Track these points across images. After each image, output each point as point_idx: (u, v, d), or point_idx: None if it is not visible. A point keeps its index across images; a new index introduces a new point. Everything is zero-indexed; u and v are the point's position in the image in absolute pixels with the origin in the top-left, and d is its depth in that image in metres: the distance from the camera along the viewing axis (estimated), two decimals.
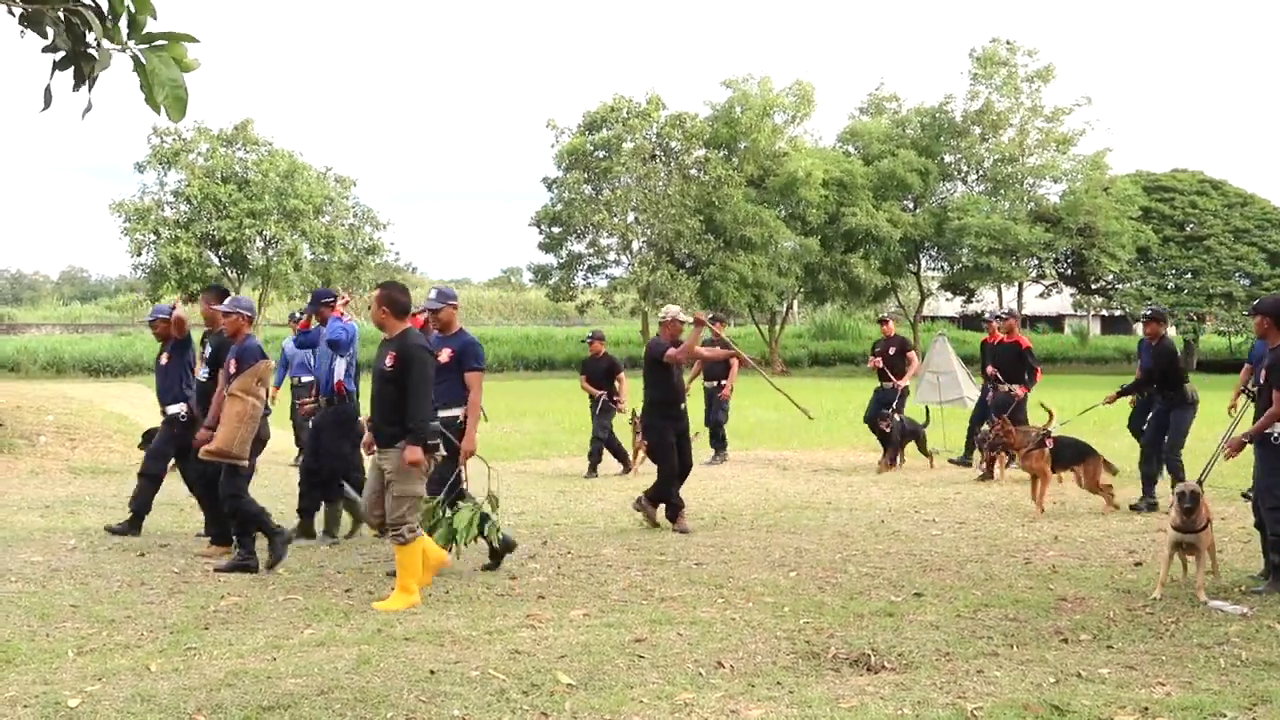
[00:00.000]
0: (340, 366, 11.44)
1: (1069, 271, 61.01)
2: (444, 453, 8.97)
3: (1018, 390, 15.99)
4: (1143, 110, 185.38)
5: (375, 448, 8.70)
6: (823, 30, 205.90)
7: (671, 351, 11.94)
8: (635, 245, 53.67)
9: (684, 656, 6.96)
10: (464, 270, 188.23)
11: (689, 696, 6.22)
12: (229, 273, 51.66)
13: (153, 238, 49.97)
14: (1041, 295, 65.31)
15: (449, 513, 9.32)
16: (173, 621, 7.78)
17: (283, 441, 18.67)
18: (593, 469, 16.61)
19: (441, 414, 9.37)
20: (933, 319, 70.32)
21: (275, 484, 14.72)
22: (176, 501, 13.13)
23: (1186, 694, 6.30)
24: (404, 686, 6.33)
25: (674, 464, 11.97)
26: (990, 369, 16.52)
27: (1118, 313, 67.28)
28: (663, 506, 12.00)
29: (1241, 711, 5.99)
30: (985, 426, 15.34)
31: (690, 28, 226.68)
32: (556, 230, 53.56)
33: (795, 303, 62.81)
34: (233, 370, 9.85)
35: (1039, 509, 12.83)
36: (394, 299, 8.76)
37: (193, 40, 4.19)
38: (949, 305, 70.92)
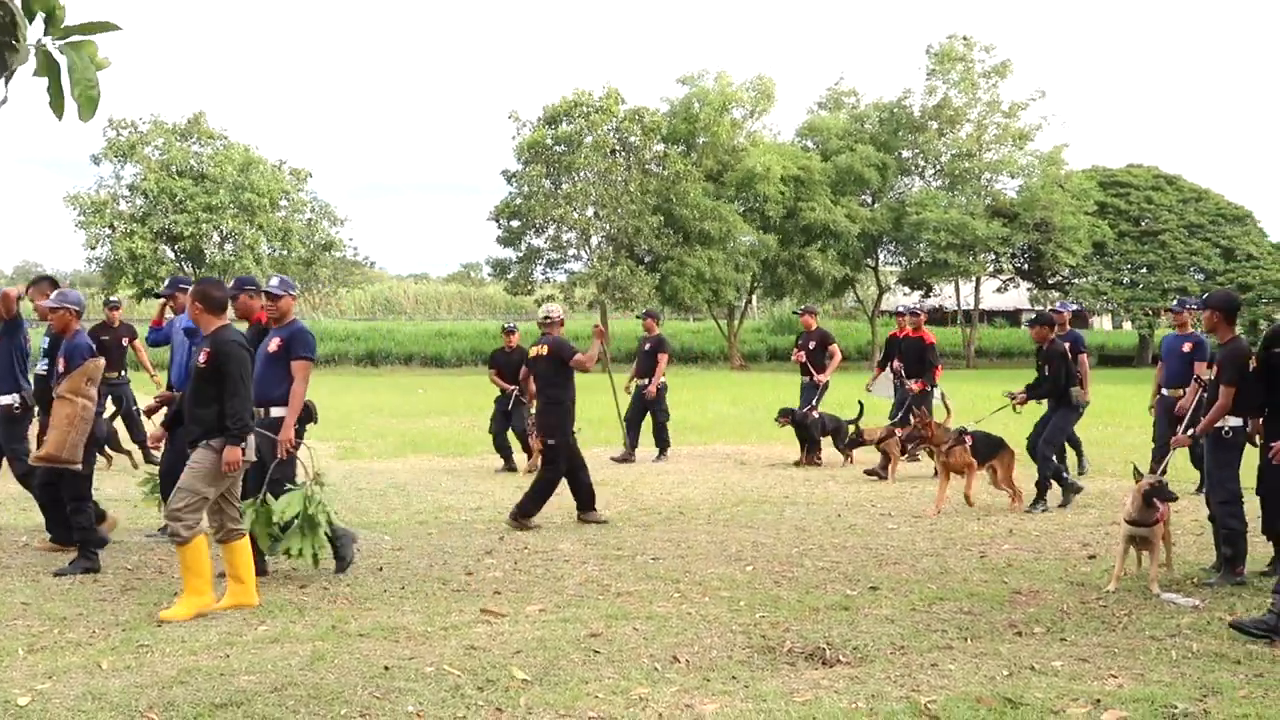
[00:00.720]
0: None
1: (1026, 266, 61.37)
2: (254, 458, 8.41)
3: (913, 385, 16.03)
4: (1098, 106, 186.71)
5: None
6: (781, 25, 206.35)
7: (579, 358, 11.98)
8: (594, 240, 53.61)
9: (639, 651, 6.95)
10: (423, 265, 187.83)
11: (644, 691, 6.21)
12: (185, 267, 51.27)
13: (108, 232, 49.51)
14: (999, 290, 65.65)
15: (269, 503, 8.90)
16: (125, 619, 7.72)
17: None
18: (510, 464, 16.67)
19: (274, 413, 9.14)
20: (891, 314, 70.46)
21: None
22: (130, 498, 13.04)
23: (1138, 686, 6.34)
24: (358, 683, 6.30)
25: (563, 471, 11.97)
26: (895, 363, 16.56)
27: (1074, 307, 67.49)
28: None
29: (1192, 703, 6.03)
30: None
31: (651, 22, 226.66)
32: (516, 224, 53.41)
33: (754, 298, 62.90)
34: (61, 369, 9.56)
35: (969, 502, 13.07)
36: (208, 294, 8.30)
37: (115, 28, 4.11)
38: (907, 300, 71.17)
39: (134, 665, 6.64)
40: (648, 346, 17.94)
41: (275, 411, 9.18)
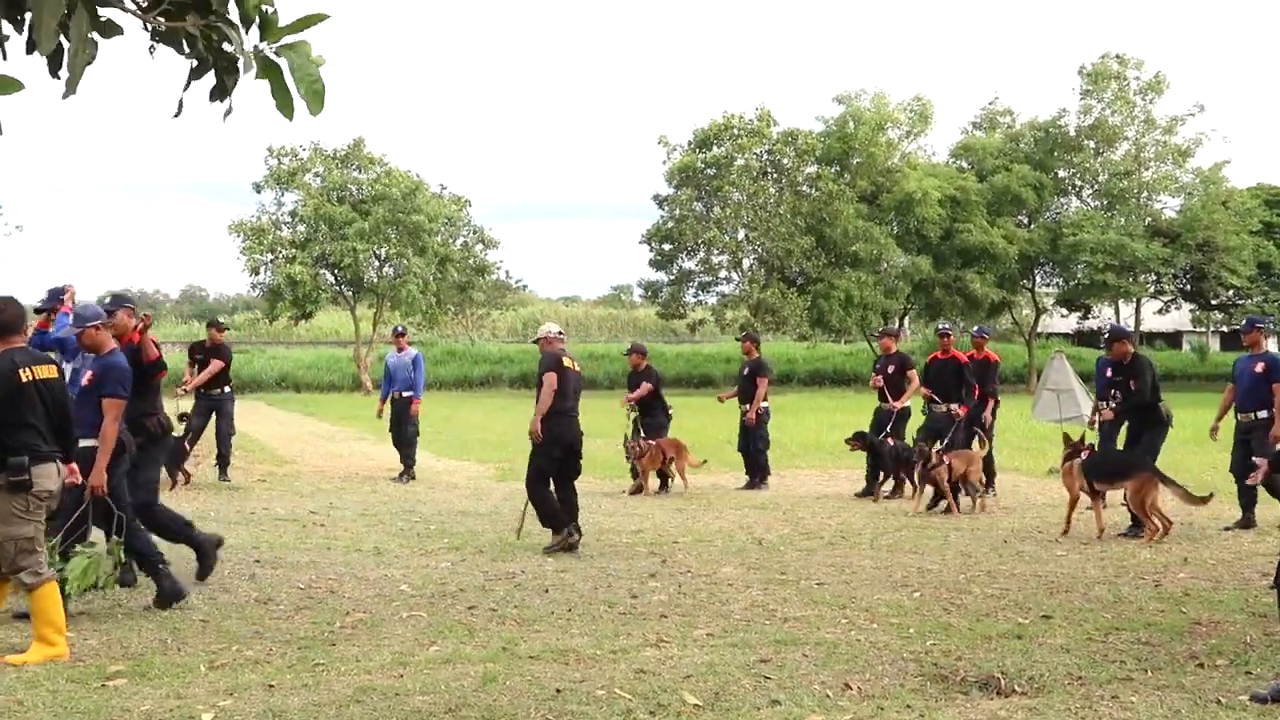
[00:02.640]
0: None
1: (1188, 287, 59.84)
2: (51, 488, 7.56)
3: (957, 410, 15.27)
4: (1264, 122, 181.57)
5: None
6: (934, 44, 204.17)
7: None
8: (746, 262, 53.58)
9: (810, 678, 6.89)
10: (574, 288, 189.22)
11: (818, 718, 6.15)
12: (344, 292, 52.27)
13: (269, 257, 50.63)
14: (1160, 311, 64.08)
15: (62, 563, 8.10)
16: (300, 637, 7.86)
17: (386, 454, 18.94)
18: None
19: (83, 443, 8.28)
20: (1048, 336, 69.32)
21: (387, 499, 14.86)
22: (298, 518, 13.34)
23: None
24: (530, 705, 6.33)
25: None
26: (924, 389, 15.91)
27: (1238, 329, 65.86)
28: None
29: None
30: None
31: (802, 43, 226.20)
32: (667, 247, 53.60)
33: (907, 320, 62.24)
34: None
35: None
36: None
37: (325, 18, 4.18)
38: (1064, 322, 69.89)
39: (311, 684, 6.75)
40: (746, 370, 17.30)
41: (85, 442, 8.34)
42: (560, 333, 12.90)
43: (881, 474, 15.99)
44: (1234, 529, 12.76)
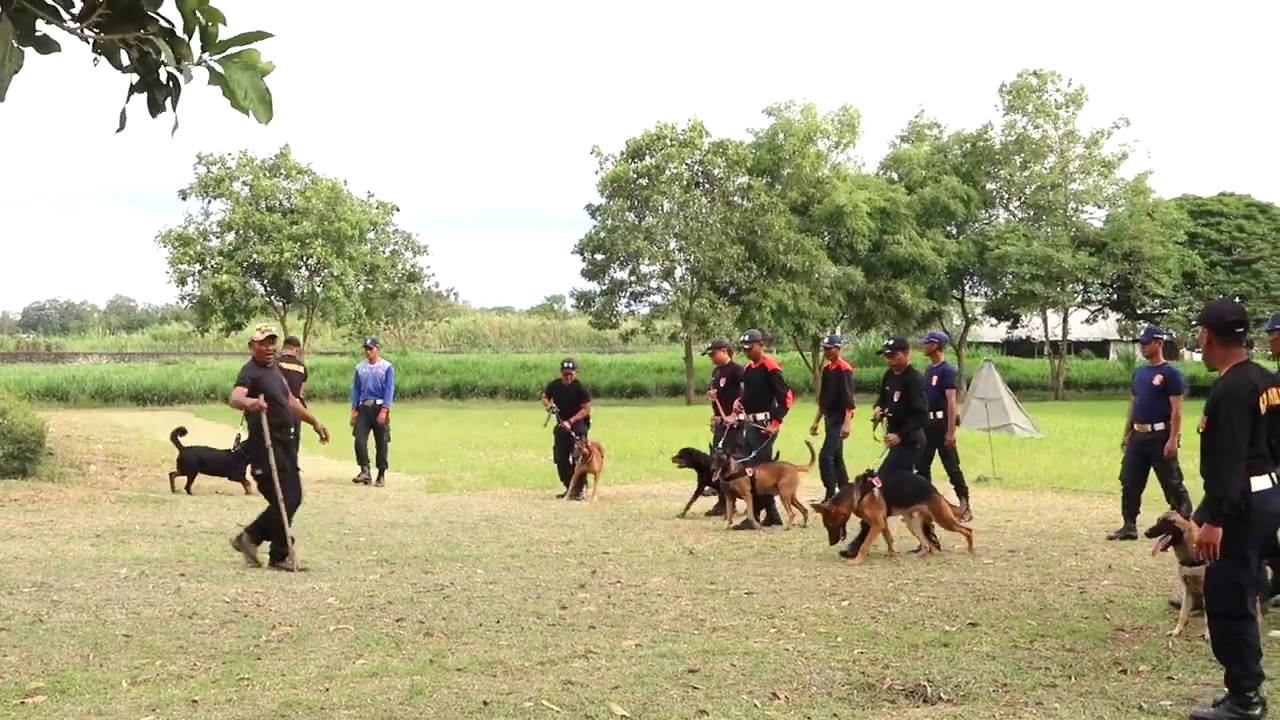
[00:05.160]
0: None
1: (1114, 297, 60.61)
2: None
3: (767, 422, 14.90)
4: (1188, 134, 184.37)
5: None
6: (862, 57, 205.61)
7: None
8: (677, 272, 53.70)
9: (738, 687, 6.90)
10: (507, 298, 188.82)
11: None
12: (274, 301, 51.87)
13: (197, 267, 50.17)
14: (1087, 321, 64.82)
15: None
16: (225, 651, 7.77)
17: (318, 466, 18.89)
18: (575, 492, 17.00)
19: None
20: (977, 345, 69.96)
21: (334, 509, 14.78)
22: (225, 530, 13.20)
23: None
24: (457, 717, 6.30)
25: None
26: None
27: (1164, 338, 66.65)
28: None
29: None
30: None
31: (733, 55, 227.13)
32: (600, 257, 53.64)
33: (839, 329, 62.61)
34: None
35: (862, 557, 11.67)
36: None
37: (267, 36, 4.18)
38: (993, 331, 70.55)
39: (235, 699, 6.67)
40: (723, 382, 15.98)
41: None
42: (271, 335, 11.76)
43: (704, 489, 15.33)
44: (1116, 537, 12.79)
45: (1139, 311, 60.68)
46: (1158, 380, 13.00)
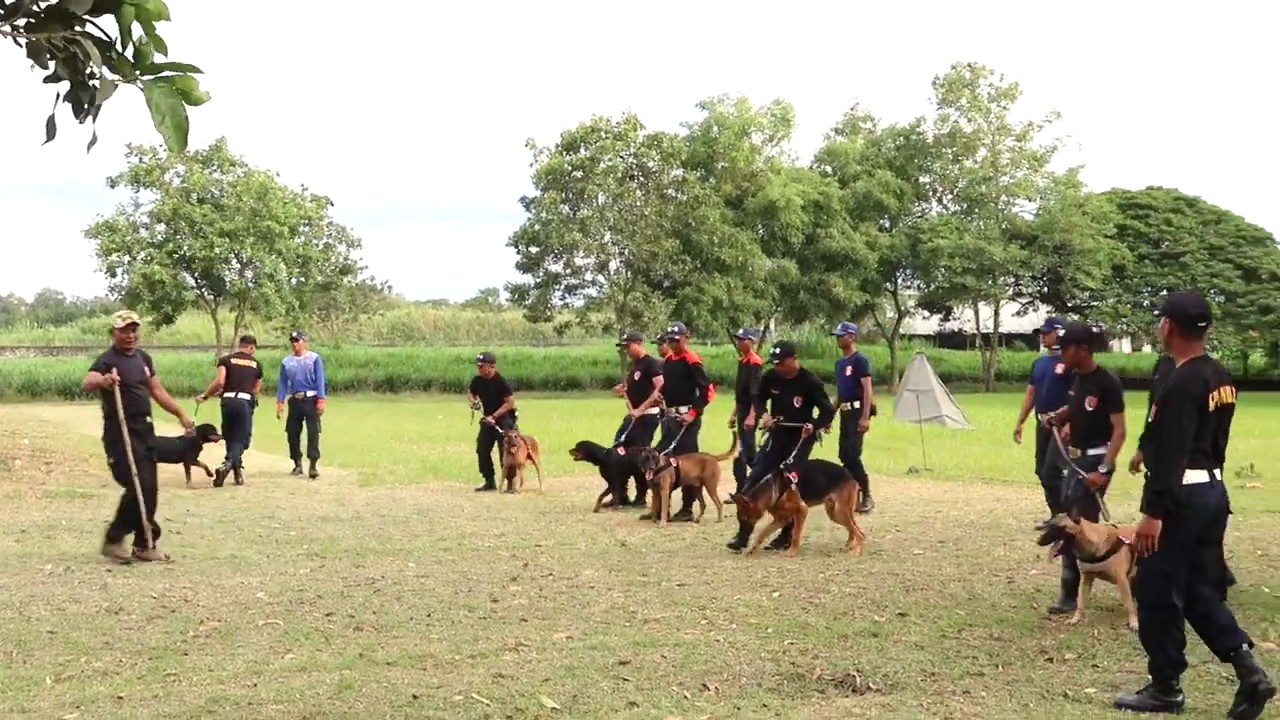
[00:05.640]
0: None
1: (1045, 289, 61.26)
2: None
3: (685, 413, 14.71)
4: (1118, 129, 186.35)
5: None
6: (797, 49, 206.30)
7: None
8: (612, 265, 53.68)
9: (669, 679, 6.91)
10: (441, 291, 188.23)
11: (675, 719, 6.17)
12: (205, 294, 51.33)
13: (126, 258, 49.50)
14: (1018, 313, 65.51)
15: None
16: (151, 647, 7.69)
17: (249, 459, 18.75)
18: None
19: None
20: (910, 337, 70.46)
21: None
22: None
23: (1173, 714, 6.28)
24: (387, 712, 6.28)
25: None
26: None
27: (1094, 330, 67.39)
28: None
29: None
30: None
31: (667, 48, 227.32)
32: (534, 250, 53.50)
33: (773, 322, 62.91)
34: None
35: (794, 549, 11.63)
36: None
37: (197, 71, 4.17)
38: (926, 324, 71.13)
39: (161, 694, 6.61)
40: (636, 375, 15.83)
41: None
42: (133, 322, 11.56)
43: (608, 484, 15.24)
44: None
45: (1069, 304, 61.30)
46: (1060, 369, 12.28)
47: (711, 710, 6.34)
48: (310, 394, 18.86)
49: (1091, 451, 9.27)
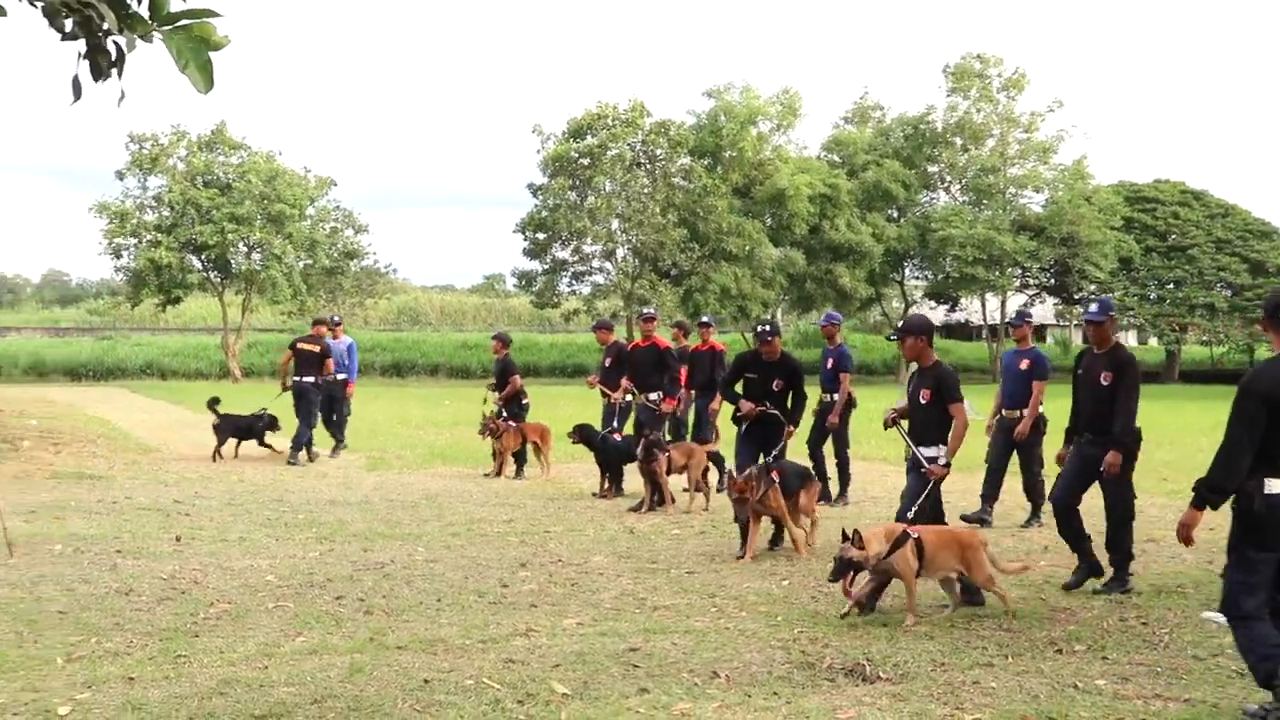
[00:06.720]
0: None
1: (1052, 281, 61.18)
2: None
3: (659, 400, 14.74)
4: (1125, 122, 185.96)
5: None
6: (807, 38, 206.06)
7: None
8: (619, 253, 53.65)
9: (679, 666, 6.92)
10: (448, 277, 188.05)
11: (685, 707, 6.18)
12: (211, 278, 51.28)
13: (132, 240, 49.44)
14: (1025, 305, 65.42)
15: None
16: (162, 628, 7.71)
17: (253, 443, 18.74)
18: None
19: None
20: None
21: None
22: (162, 507, 13.10)
23: (1183, 707, 6.29)
24: (398, 695, 6.28)
25: None
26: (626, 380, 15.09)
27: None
28: None
29: None
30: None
31: (674, 35, 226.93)
32: (541, 237, 53.49)
33: (779, 311, 62.87)
34: None
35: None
36: None
37: (215, 15, 4.17)
38: (932, 314, 71.12)
39: (172, 676, 6.62)
40: (608, 362, 15.82)
41: None
42: None
43: (604, 471, 15.05)
44: (971, 520, 12.66)
45: (1076, 296, 61.23)
46: (1024, 365, 12.79)
47: (722, 698, 6.35)
48: (340, 377, 19.25)
49: (926, 451, 9.12)
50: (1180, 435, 23.88)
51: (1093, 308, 9.75)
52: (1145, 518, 13.20)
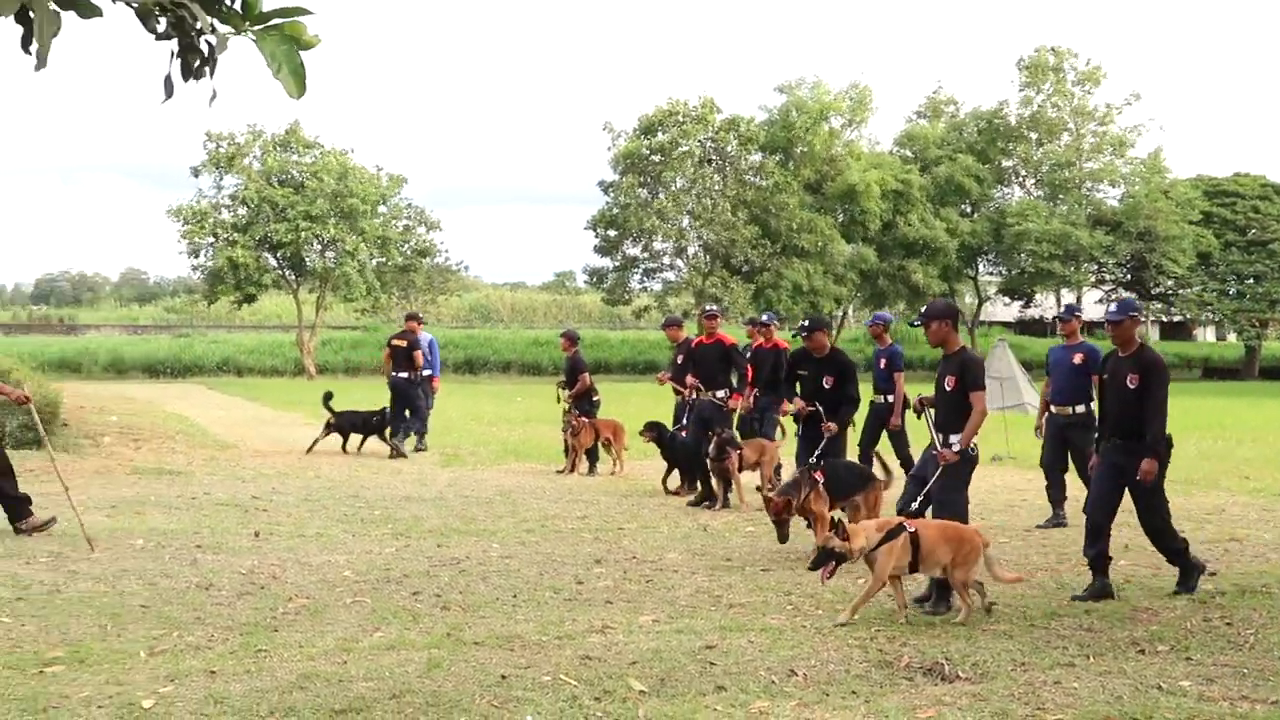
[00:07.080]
0: None
1: (1128, 276, 60.51)
2: None
3: (726, 397, 14.57)
4: (1204, 115, 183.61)
5: None
6: (879, 32, 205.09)
7: None
8: (690, 250, 53.62)
9: (756, 664, 6.89)
10: (519, 274, 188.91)
11: (763, 705, 6.15)
12: (286, 275, 51.75)
13: (210, 240, 49.99)
14: (1100, 301, 64.73)
15: None
16: (242, 623, 7.78)
17: (330, 439, 18.86)
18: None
19: None
20: (990, 324, 69.88)
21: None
22: (240, 503, 13.23)
23: (1271, 709, 6.19)
24: (476, 691, 6.30)
25: None
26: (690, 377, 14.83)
27: (1177, 318, 66.79)
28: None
29: None
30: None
31: (745, 31, 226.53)
32: (612, 234, 53.56)
33: (851, 308, 62.58)
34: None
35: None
36: None
37: (307, 13, 4.18)
38: (1006, 310, 70.49)
39: (253, 670, 6.68)
40: (679, 359, 15.52)
41: None
42: None
43: (673, 469, 15.11)
44: (1047, 526, 12.37)
45: (1153, 292, 60.53)
46: (1078, 359, 12.28)
47: (800, 696, 6.32)
48: (425, 373, 19.77)
49: (951, 439, 8.97)
50: (1262, 432, 23.54)
51: (1112, 308, 9.45)
52: (1228, 516, 13.12)
